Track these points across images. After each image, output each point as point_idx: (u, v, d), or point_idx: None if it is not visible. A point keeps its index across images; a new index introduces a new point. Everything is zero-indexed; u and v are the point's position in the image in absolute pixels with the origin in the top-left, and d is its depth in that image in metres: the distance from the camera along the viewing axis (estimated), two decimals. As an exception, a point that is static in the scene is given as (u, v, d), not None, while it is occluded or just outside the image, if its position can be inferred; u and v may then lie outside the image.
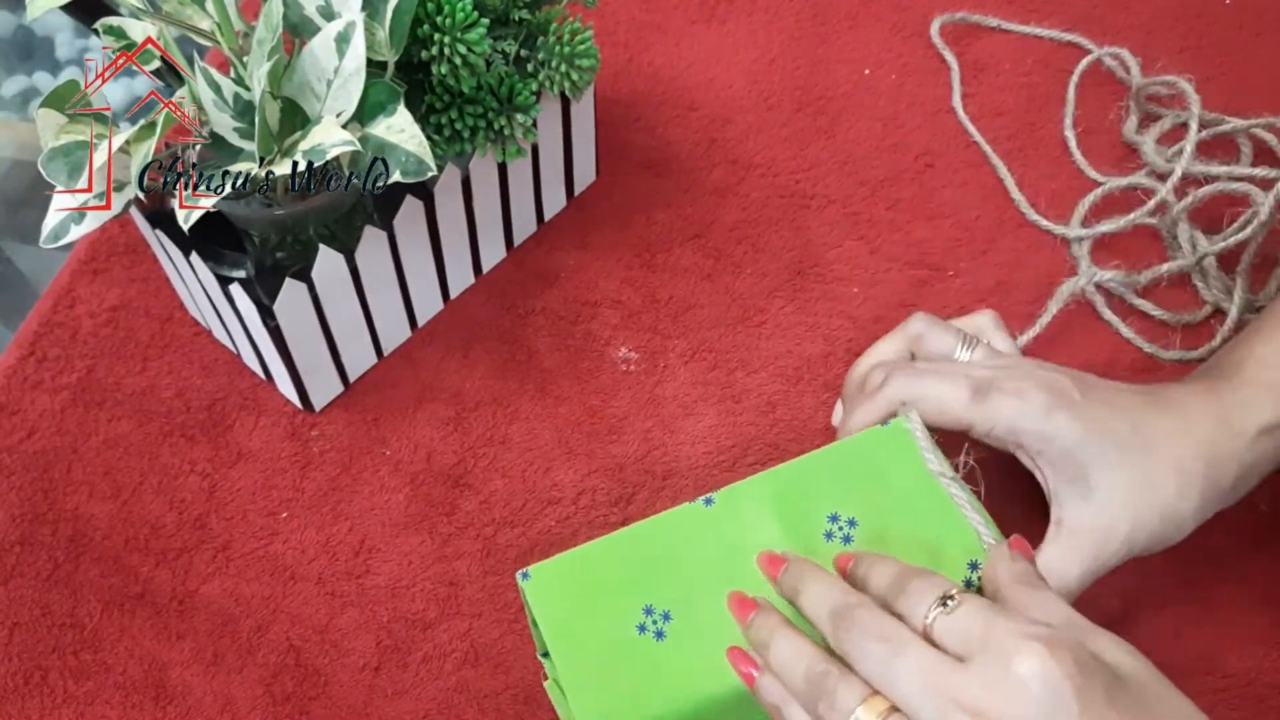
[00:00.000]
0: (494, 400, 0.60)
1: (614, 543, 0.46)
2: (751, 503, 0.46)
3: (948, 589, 0.40)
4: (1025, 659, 0.36)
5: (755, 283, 0.64)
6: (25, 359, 0.61)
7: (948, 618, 0.39)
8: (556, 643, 0.44)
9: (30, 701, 0.51)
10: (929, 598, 0.40)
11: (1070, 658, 0.36)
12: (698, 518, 0.46)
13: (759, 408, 0.59)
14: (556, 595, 0.44)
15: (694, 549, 0.45)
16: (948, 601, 0.39)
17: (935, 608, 0.39)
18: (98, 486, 0.57)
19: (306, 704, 0.51)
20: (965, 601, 0.39)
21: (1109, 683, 0.36)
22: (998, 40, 0.74)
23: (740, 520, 0.46)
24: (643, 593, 0.44)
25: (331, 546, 0.55)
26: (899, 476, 0.46)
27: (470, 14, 0.50)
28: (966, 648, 0.38)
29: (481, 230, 0.61)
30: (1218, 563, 0.54)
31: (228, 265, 0.55)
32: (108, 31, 0.48)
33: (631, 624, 0.44)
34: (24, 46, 1.62)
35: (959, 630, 0.38)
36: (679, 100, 0.72)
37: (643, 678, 0.43)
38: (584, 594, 0.44)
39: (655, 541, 0.45)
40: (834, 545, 0.45)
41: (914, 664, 0.38)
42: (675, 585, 0.45)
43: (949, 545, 0.45)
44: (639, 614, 0.44)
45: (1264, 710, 0.50)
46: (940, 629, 0.39)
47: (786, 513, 0.46)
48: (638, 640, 0.44)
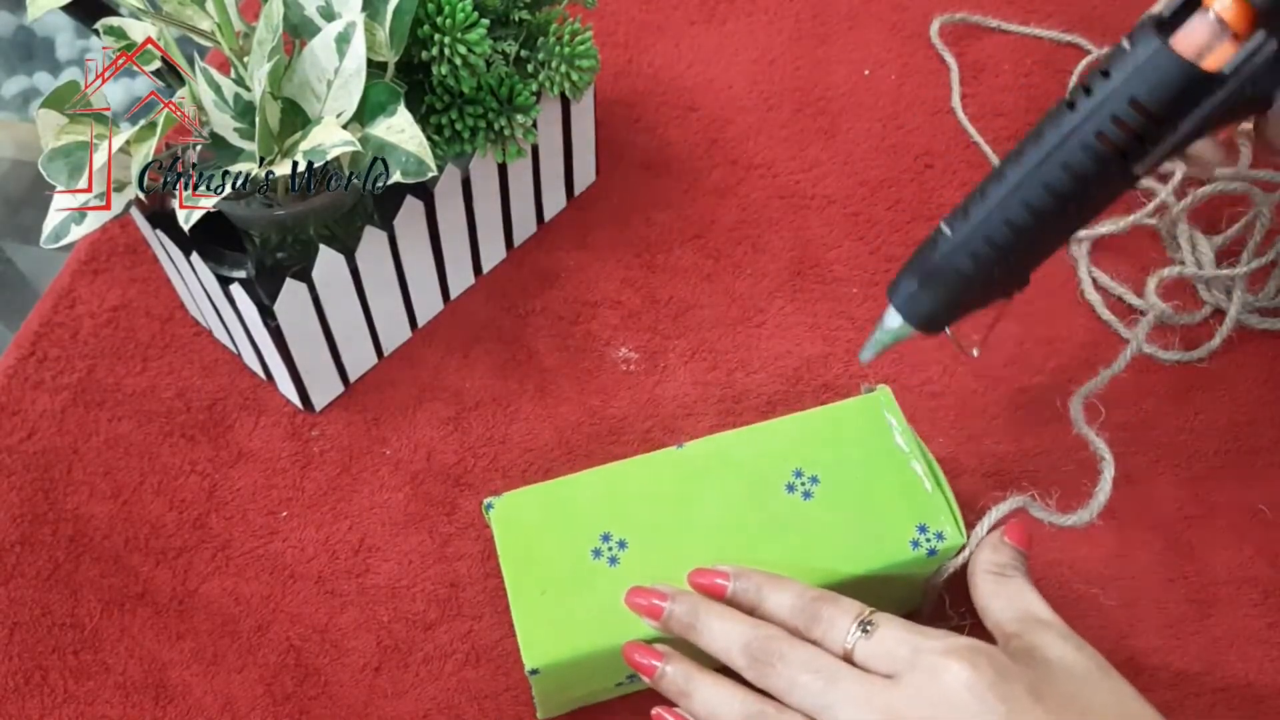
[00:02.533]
0: (494, 400, 0.60)
1: (584, 478, 0.48)
2: (722, 451, 0.49)
3: (860, 612, 0.42)
4: (952, 672, 0.39)
5: (755, 283, 0.64)
6: (25, 359, 0.61)
7: (868, 642, 0.41)
8: (510, 568, 0.46)
9: (30, 701, 0.51)
10: (845, 622, 0.42)
11: (990, 666, 0.39)
12: (668, 460, 0.49)
13: (759, 408, 0.59)
14: (519, 524, 0.47)
15: (659, 487, 0.48)
16: (866, 627, 0.41)
17: (855, 632, 0.41)
18: (98, 486, 0.57)
19: (306, 704, 0.51)
20: (881, 624, 0.41)
21: (1032, 682, 0.39)
22: (998, 41, 0.74)
23: (708, 465, 0.48)
24: (603, 522, 0.47)
25: (332, 546, 0.55)
26: (867, 445, 0.49)
27: (470, 14, 0.50)
28: (893, 666, 0.40)
29: (481, 230, 0.61)
30: (1218, 563, 0.54)
31: (228, 265, 0.55)
32: (108, 32, 0.48)
33: (587, 549, 0.46)
34: (24, 47, 1.62)
35: (883, 654, 0.41)
36: (679, 100, 0.72)
37: (590, 605, 0.45)
38: (547, 523, 0.47)
39: (624, 479, 0.48)
40: (794, 498, 0.47)
41: (849, 691, 0.40)
42: (636, 518, 0.47)
43: (901, 507, 0.47)
44: (596, 539, 0.46)
45: (1264, 711, 0.50)
46: (862, 652, 0.41)
47: (754, 463, 0.48)
48: (592, 565, 0.46)
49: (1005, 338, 0.61)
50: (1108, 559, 0.54)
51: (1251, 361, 0.60)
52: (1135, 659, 0.52)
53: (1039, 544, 0.54)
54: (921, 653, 0.40)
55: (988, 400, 0.59)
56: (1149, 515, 0.56)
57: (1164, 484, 0.56)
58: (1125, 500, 0.56)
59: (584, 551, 0.46)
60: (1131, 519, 0.55)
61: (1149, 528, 0.55)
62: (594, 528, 0.47)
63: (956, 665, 0.39)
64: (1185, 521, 0.55)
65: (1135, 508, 0.56)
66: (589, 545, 0.46)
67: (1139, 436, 0.58)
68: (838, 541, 0.46)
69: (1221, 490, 0.56)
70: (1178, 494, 0.56)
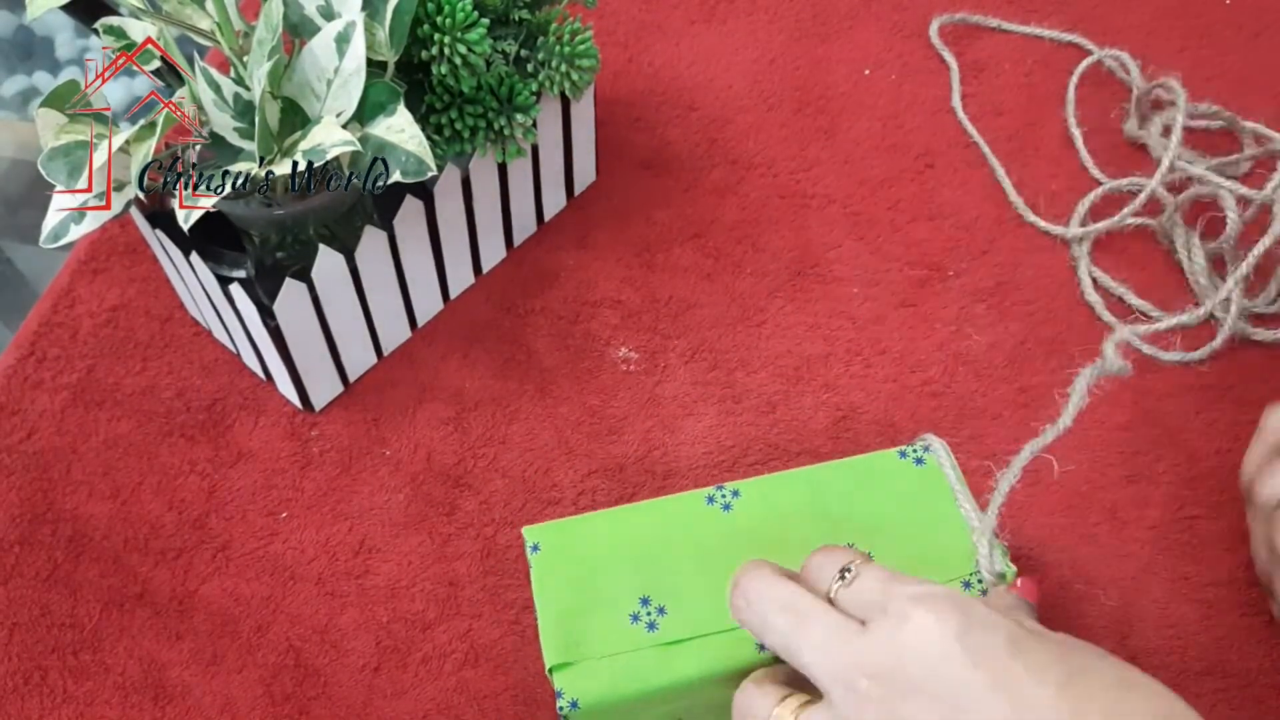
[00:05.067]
0: (494, 400, 0.60)
1: (624, 517, 0.47)
2: (767, 499, 0.47)
3: (851, 559, 0.40)
4: (916, 617, 0.37)
5: (755, 283, 0.64)
6: (25, 359, 0.61)
7: (848, 589, 0.40)
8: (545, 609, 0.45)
9: (30, 701, 0.51)
10: (831, 569, 0.40)
11: (958, 613, 0.36)
12: (712, 516, 0.47)
13: (759, 408, 0.59)
14: (557, 562, 0.46)
15: (694, 537, 0.46)
16: (845, 574, 0.40)
17: (837, 578, 0.40)
18: (97, 486, 0.57)
19: (306, 704, 0.51)
20: (865, 569, 0.40)
21: (1017, 636, 0.36)
22: (998, 40, 0.74)
23: (751, 521, 0.47)
24: (641, 579, 0.45)
25: (331, 546, 0.55)
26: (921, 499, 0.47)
27: (470, 14, 0.50)
28: (866, 612, 0.38)
29: (481, 230, 0.61)
30: (1218, 563, 0.54)
31: (228, 265, 0.55)
32: (108, 31, 0.48)
33: (626, 613, 0.45)
34: (24, 46, 1.62)
35: (859, 600, 0.39)
36: (679, 100, 0.72)
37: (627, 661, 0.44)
38: (586, 578, 0.46)
39: (659, 522, 0.47)
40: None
41: (816, 633, 0.38)
42: (672, 574, 0.46)
43: (946, 560, 0.45)
44: (635, 604, 0.45)
45: (1264, 710, 0.50)
46: (842, 598, 0.40)
47: (800, 515, 0.47)
48: (630, 630, 0.44)
49: (1006, 337, 0.61)
50: (1108, 559, 0.54)
51: (1252, 361, 0.60)
52: (1135, 659, 0.52)
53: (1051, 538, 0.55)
54: (892, 598, 0.38)
55: (988, 400, 0.59)
56: (1149, 515, 0.56)
57: (1164, 484, 0.56)
58: (1125, 500, 0.56)
59: (624, 617, 0.45)
60: (1132, 519, 0.55)
61: (1149, 527, 0.55)
62: (632, 587, 0.45)
63: (921, 612, 0.37)
64: (1185, 521, 0.55)
65: (1135, 507, 0.56)
66: (628, 610, 0.45)
67: (1139, 436, 0.58)
68: None
69: (1221, 490, 0.56)
70: (1178, 494, 0.56)
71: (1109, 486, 0.56)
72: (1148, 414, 0.59)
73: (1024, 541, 0.55)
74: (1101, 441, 0.58)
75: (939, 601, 0.37)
